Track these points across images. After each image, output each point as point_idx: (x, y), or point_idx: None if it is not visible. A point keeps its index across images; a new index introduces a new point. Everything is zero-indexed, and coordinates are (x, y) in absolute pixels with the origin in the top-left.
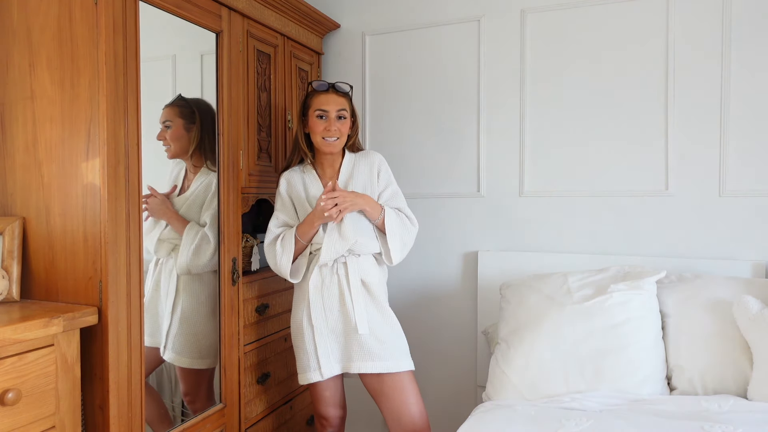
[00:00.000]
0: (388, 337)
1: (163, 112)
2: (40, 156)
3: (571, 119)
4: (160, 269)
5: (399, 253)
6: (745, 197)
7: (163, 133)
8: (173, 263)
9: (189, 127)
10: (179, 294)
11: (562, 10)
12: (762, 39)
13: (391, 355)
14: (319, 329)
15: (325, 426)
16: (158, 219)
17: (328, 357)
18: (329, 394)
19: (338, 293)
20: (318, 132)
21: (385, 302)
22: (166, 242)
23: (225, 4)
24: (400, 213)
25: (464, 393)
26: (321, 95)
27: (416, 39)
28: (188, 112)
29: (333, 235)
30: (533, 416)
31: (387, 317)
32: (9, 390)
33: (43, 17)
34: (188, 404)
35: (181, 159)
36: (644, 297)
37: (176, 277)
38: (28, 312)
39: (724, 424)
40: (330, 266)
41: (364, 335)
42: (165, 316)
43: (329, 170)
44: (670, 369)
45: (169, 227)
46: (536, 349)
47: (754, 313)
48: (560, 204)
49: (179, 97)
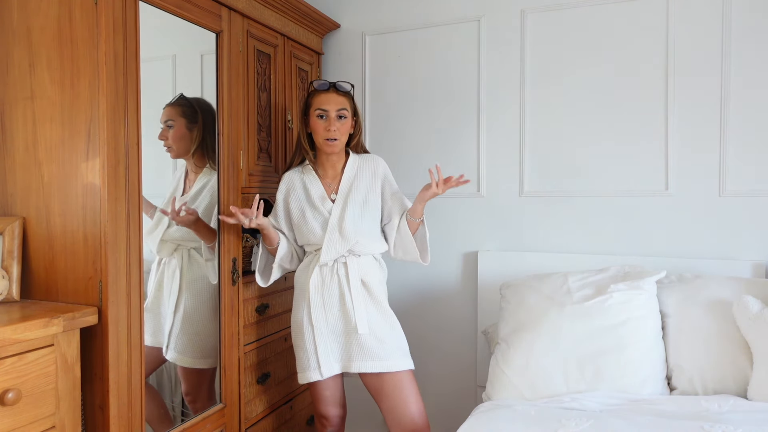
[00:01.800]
0: (388, 337)
1: (165, 112)
2: (40, 156)
3: (571, 119)
4: (162, 269)
5: (424, 256)
6: (745, 197)
7: (165, 132)
8: (176, 263)
9: (191, 126)
10: (182, 293)
11: (562, 9)
12: (762, 39)
13: (391, 355)
14: (319, 329)
15: (325, 425)
16: (189, 228)
17: (328, 356)
18: (329, 393)
19: (338, 293)
20: (319, 132)
21: (384, 302)
22: (168, 242)
23: (225, 4)
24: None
25: (464, 393)
26: (321, 95)
27: (416, 39)
28: (190, 112)
29: (333, 235)
30: (533, 416)
31: (387, 317)
32: (9, 390)
33: (43, 17)
34: (189, 404)
35: (182, 159)
36: (644, 297)
37: (179, 276)
38: (28, 312)
39: (724, 424)
40: (330, 266)
41: (364, 335)
42: (167, 316)
43: (331, 171)
44: (670, 369)
45: (173, 227)
46: (536, 349)
47: (754, 313)
48: (560, 204)
49: (181, 96)
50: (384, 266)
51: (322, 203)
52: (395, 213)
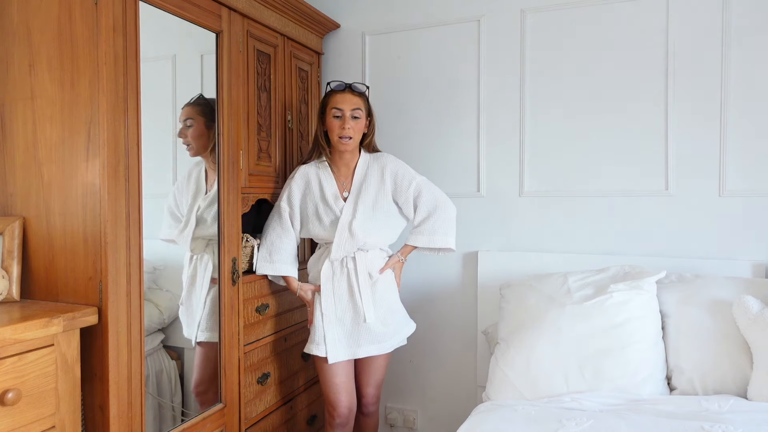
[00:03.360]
0: (392, 319)
1: (184, 111)
2: (40, 156)
3: (571, 119)
4: (195, 264)
5: (449, 241)
6: (745, 197)
7: (185, 131)
8: (208, 257)
9: (209, 125)
10: (212, 287)
11: (562, 9)
12: (762, 39)
13: (393, 333)
14: (327, 317)
15: (333, 416)
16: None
17: (335, 344)
18: (339, 380)
19: (347, 285)
20: (334, 131)
21: (389, 288)
22: (200, 239)
23: (225, 4)
24: (427, 220)
25: (464, 393)
26: (337, 95)
27: (416, 39)
28: (209, 111)
29: (343, 235)
30: (533, 416)
31: (392, 303)
32: (9, 390)
33: (43, 17)
34: (199, 396)
35: (201, 157)
36: (644, 297)
37: (210, 272)
38: (28, 312)
39: (724, 424)
40: (340, 260)
41: (371, 323)
42: (198, 308)
43: (344, 169)
44: (670, 369)
45: (202, 225)
46: (536, 349)
47: (754, 313)
48: (560, 204)
49: (200, 96)
50: (390, 254)
51: (335, 201)
52: (411, 201)
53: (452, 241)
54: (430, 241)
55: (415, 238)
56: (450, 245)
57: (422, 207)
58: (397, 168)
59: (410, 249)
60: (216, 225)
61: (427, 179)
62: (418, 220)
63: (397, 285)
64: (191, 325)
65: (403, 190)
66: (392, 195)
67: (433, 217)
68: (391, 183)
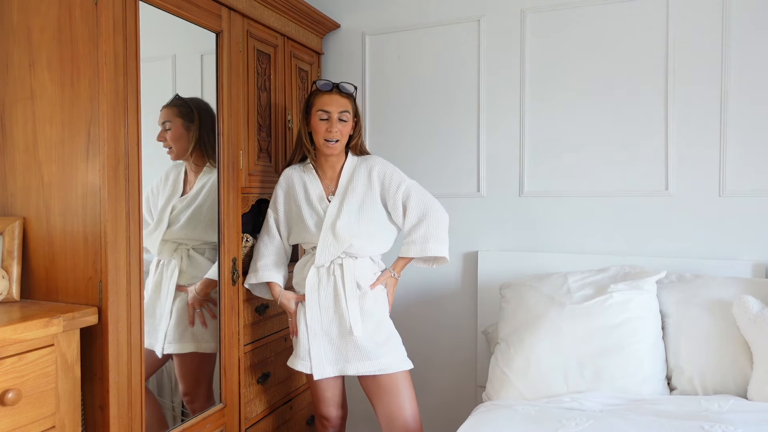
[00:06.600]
0: (383, 337)
1: (162, 113)
2: (40, 156)
3: (571, 119)
4: (161, 270)
5: (443, 249)
6: (745, 197)
7: (163, 134)
8: (175, 263)
9: (188, 126)
10: (178, 295)
11: (562, 9)
12: (762, 39)
13: (385, 354)
14: (313, 329)
15: (326, 426)
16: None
17: (320, 359)
18: (330, 394)
19: (333, 294)
20: (320, 133)
21: (379, 303)
22: (169, 242)
23: (225, 4)
24: (417, 227)
25: (464, 393)
26: (324, 95)
27: (416, 39)
28: (186, 111)
29: (327, 237)
30: (533, 416)
31: (381, 319)
32: (9, 390)
33: (43, 17)
34: (187, 404)
35: (182, 160)
36: (644, 297)
37: (176, 278)
38: (28, 312)
39: (724, 424)
40: (326, 267)
41: (359, 337)
42: (164, 317)
43: (330, 172)
44: (670, 369)
45: (174, 226)
46: (536, 349)
47: (754, 313)
48: (560, 204)
49: (176, 96)
50: (382, 267)
51: (320, 202)
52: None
53: (446, 249)
54: (423, 250)
55: (407, 248)
56: (444, 254)
57: (411, 212)
58: (385, 170)
59: (403, 263)
60: (190, 227)
61: (417, 183)
62: (408, 227)
63: (388, 303)
64: (154, 336)
65: (392, 193)
66: (381, 198)
67: (424, 223)
68: (379, 185)
